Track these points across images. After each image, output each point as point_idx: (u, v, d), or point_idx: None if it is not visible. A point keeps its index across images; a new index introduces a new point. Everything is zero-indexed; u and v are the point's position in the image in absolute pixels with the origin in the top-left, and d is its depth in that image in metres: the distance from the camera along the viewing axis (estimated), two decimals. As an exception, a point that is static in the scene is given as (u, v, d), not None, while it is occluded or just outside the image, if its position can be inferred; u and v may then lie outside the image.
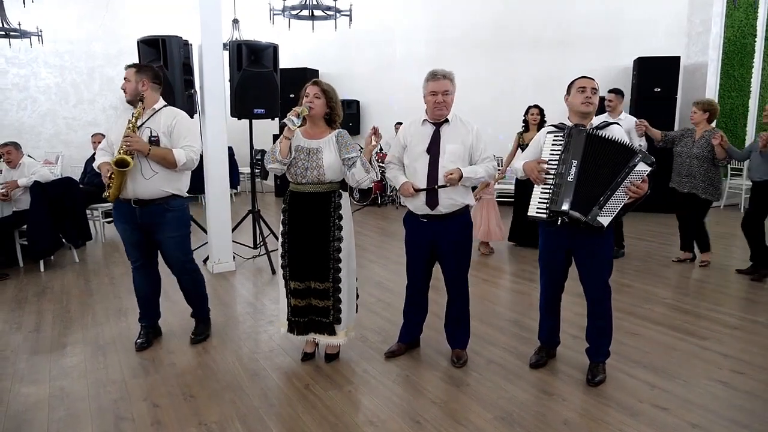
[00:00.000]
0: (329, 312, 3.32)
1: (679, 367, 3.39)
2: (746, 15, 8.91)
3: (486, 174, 3.23)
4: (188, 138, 3.48)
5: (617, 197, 2.89)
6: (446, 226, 3.28)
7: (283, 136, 3.13)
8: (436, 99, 3.16)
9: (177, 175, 3.53)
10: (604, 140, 2.95)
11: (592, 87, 3.06)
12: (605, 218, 2.91)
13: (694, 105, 5.43)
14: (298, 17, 8.43)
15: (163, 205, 3.50)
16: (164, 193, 3.48)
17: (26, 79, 11.19)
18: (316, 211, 3.24)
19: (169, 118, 3.49)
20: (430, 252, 3.38)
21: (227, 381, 3.24)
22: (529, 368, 3.36)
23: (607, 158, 2.93)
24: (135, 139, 3.30)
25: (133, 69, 3.52)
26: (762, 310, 4.38)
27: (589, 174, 2.95)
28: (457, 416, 2.83)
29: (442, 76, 3.19)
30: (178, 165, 3.41)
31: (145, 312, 3.83)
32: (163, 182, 3.46)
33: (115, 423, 2.80)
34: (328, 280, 3.29)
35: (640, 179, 2.86)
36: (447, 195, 3.21)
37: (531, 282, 5.26)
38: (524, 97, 9.42)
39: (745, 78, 9.07)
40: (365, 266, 5.78)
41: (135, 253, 3.67)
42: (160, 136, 3.44)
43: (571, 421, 2.78)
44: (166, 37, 5.20)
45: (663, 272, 5.48)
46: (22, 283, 5.26)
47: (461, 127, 3.26)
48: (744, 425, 2.73)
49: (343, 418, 2.83)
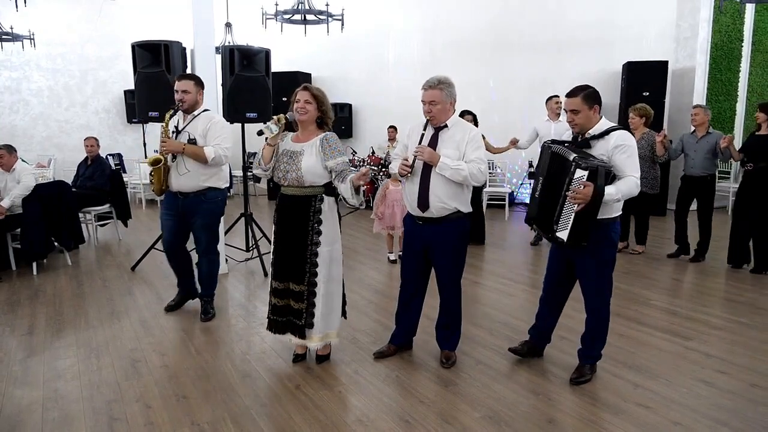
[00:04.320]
0: (302, 315, 3.33)
1: (663, 366, 3.46)
2: (733, 20, 9.04)
3: (468, 173, 3.15)
4: (219, 138, 4.03)
5: (566, 209, 2.92)
6: (440, 231, 3.29)
7: (266, 143, 3.21)
8: (425, 108, 3.22)
9: (213, 170, 4.09)
10: (557, 155, 3.03)
11: (570, 109, 3.03)
12: (563, 232, 2.95)
13: (632, 111, 5.97)
14: (291, 21, 8.48)
15: (200, 196, 4.10)
16: (201, 186, 4.07)
17: (18, 82, 11.18)
18: (296, 214, 3.29)
19: (205, 122, 4.05)
20: (424, 255, 3.41)
21: (219, 382, 3.28)
22: (508, 351, 3.52)
23: (557, 172, 2.98)
24: (168, 142, 3.95)
25: (192, 81, 4.05)
26: (745, 311, 4.47)
27: (548, 190, 3.05)
28: (445, 415, 2.89)
29: (429, 85, 3.21)
30: (209, 160, 3.97)
31: (180, 281, 4.49)
32: (199, 177, 4.03)
33: (108, 424, 2.84)
34: (303, 284, 3.31)
35: (580, 185, 2.83)
36: (438, 198, 3.22)
37: (520, 284, 5.33)
38: (518, 101, 9.56)
39: (732, 82, 9.20)
40: (357, 268, 5.83)
41: (169, 238, 4.27)
42: (197, 138, 4.01)
43: (556, 420, 2.84)
44: (168, 42, 5.24)
45: (649, 274, 5.56)
46: (14, 287, 5.27)
47: (459, 132, 3.26)
48: (724, 423, 2.80)
49: (333, 418, 2.88)
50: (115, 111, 11.93)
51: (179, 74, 4.35)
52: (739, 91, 9.27)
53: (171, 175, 4.05)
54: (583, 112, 3.01)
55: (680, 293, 5.06)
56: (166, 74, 5.10)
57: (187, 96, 3.99)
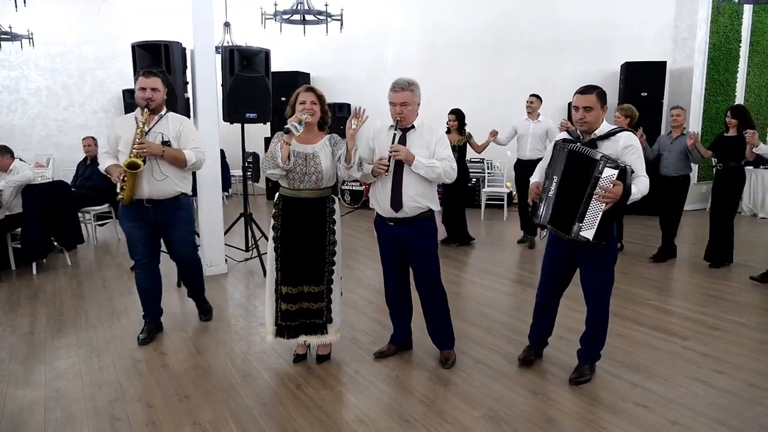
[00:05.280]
0: (323, 313, 3.40)
1: (661, 366, 3.49)
2: (731, 21, 9.07)
3: (442, 171, 3.19)
4: (195, 141, 3.78)
5: (593, 207, 2.91)
6: (412, 230, 3.31)
7: (283, 142, 3.15)
8: (395, 110, 3.23)
9: (186, 174, 3.84)
10: (578, 154, 3.01)
11: (584, 106, 3.01)
12: (588, 231, 2.93)
13: (618, 110, 5.85)
14: (290, 21, 8.49)
15: (175, 203, 3.79)
16: (175, 192, 3.77)
17: (17, 81, 11.15)
18: (312, 217, 3.30)
19: (176, 123, 3.78)
20: (399, 255, 3.42)
21: (220, 382, 3.30)
22: (518, 365, 3.46)
23: (578, 172, 2.98)
24: (148, 143, 3.55)
25: (160, 79, 3.73)
26: (742, 311, 4.49)
27: (566, 189, 3.04)
28: (444, 415, 2.91)
29: (400, 87, 3.21)
30: (188, 164, 3.72)
31: (149, 309, 3.99)
32: (175, 182, 3.74)
33: (110, 423, 2.85)
34: (323, 283, 3.37)
35: (610, 184, 2.86)
36: (411, 198, 3.23)
37: (519, 284, 5.36)
38: (516, 101, 9.54)
39: (729, 82, 9.23)
40: (356, 268, 5.85)
41: (143, 251, 3.85)
42: (171, 140, 3.71)
43: (555, 419, 2.87)
44: (168, 43, 5.24)
45: (645, 273, 5.59)
46: (14, 286, 5.28)
47: (427, 133, 3.29)
48: (722, 422, 2.83)
49: (333, 417, 2.90)
50: (114, 111, 11.90)
51: (144, 70, 3.92)
52: (736, 91, 9.29)
53: (142, 181, 3.64)
54: (595, 110, 3.02)
55: (676, 293, 5.09)
56: (166, 75, 5.10)
57: (156, 94, 3.66)
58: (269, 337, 3.47)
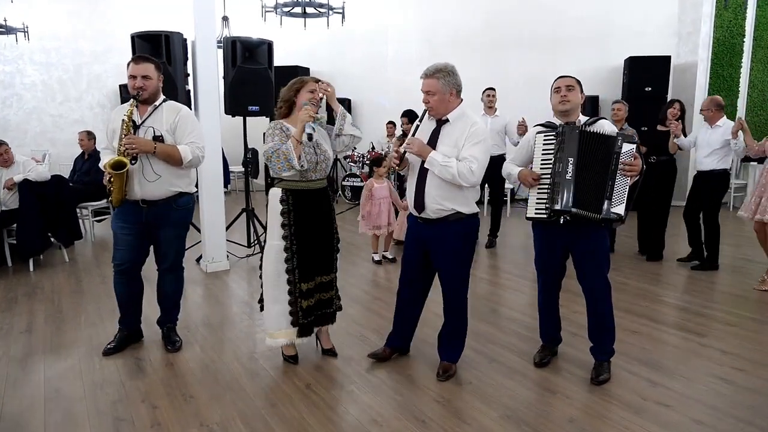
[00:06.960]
0: (332, 302, 3.39)
1: (679, 364, 3.40)
2: (735, 15, 9.00)
3: (456, 172, 2.89)
4: (193, 134, 3.34)
5: (620, 183, 2.93)
6: (439, 232, 3.05)
7: (298, 142, 2.97)
8: (423, 99, 3.05)
9: (183, 172, 3.41)
10: (593, 135, 2.97)
11: (566, 85, 3.07)
12: (619, 207, 2.93)
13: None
14: (291, 15, 8.37)
15: (171, 203, 3.40)
16: (171, 192, 3.38)
17: (11, 75, 10.98)
18: (322, 206, 3.24)
19: (171, 114, 3.33)
20: (424, 256, 3.19)
21: (227, 381, 3.19)
22: (535, 367, 3.34)
23: (597, 151, 2.96)
24: (136, 140, 3.15)
25: (152, 65, 3.31)
26: (756, 308, 4.42)
27: (586, 170, 2.96)
28: (462, 415, 2.81)
29: (425, 74, 3.01)
30: (184, 162, 3.30)
31: (126, 316, 3.64)
32: (170, 182, 3.34)
33: (114, 424, 2.74)
34: (333, 272, 3.35)
35: (631, 157, 2.91)
36: (433, 199, 3.00)
37: (529, 281, 5.26)
38: (516, 97, 9.46)
39: (733, 77, 9.16)
40: (361, 264, 5.75)
41: (127, 255, 3.45)
42: (164, 135, 3.28)
43: (576, 419, 2.77)
44: (168, 33, 5.11)
45: (656, 270, 5.51)
46: (11, 283, 5.15)
47: (460, 127, 3.00)
48: (748, 422, 2.74)
49: (346, 418, 2.80)
50: (110, 106, 11.73)
51: (135, 55, 3.49)
52: (740, 86, 9.23)
53: (134, 181, 3.27)
54: (576, 91, 3.08)
55: (689, 290, 5.00)
56: (167, 66, 4.97)
57: (148, 82, 3.24)
58: (281, 340, 3.28)
